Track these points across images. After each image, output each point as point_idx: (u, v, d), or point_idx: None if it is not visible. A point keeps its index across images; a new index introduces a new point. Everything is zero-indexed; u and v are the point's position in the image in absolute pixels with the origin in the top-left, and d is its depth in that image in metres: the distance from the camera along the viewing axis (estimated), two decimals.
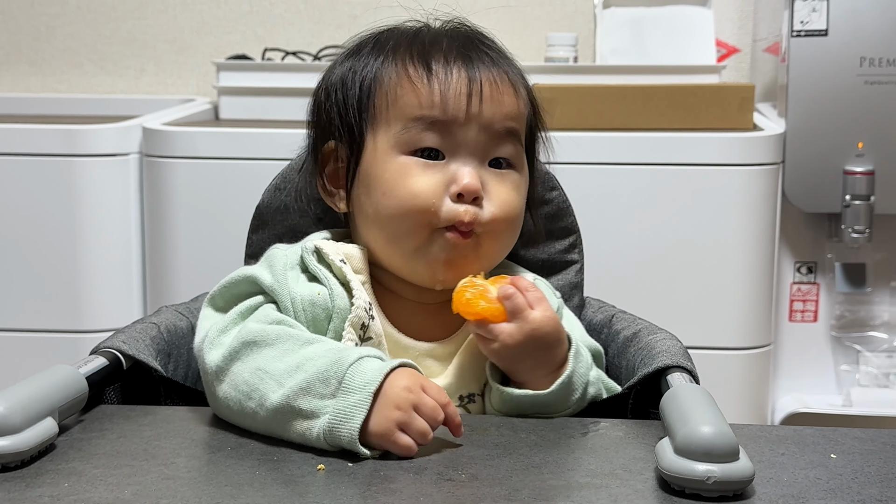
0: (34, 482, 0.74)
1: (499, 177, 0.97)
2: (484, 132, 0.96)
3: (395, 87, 0.96)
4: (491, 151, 0.97)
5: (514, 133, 0.98)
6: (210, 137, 1.80)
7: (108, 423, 0.86)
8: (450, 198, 0.94)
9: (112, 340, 0.95)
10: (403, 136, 0.95)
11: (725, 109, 1.80)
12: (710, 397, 0.80)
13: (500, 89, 0.97)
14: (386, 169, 0.95)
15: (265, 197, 1.14)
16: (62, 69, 2.39)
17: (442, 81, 0.95)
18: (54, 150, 1.80)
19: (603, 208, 1.74)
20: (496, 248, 0.98)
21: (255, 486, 0.73)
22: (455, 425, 0.82)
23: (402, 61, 0.97)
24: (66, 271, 1.81)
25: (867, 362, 1.94)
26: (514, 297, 0.91)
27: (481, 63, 0.97)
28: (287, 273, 0.95)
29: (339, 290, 0.94)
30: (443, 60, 0.96)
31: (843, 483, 0.76)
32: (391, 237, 0.96)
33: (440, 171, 0.95)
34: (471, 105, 0.95)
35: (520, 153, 1.00)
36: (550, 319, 0.92)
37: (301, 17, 2.33)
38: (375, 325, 0.95)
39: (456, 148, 0.95)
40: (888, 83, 1.82)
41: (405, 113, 0.95)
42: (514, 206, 0.98)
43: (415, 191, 0.94)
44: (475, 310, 0.91)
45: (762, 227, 1.76)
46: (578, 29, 2.24)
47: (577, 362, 0.93)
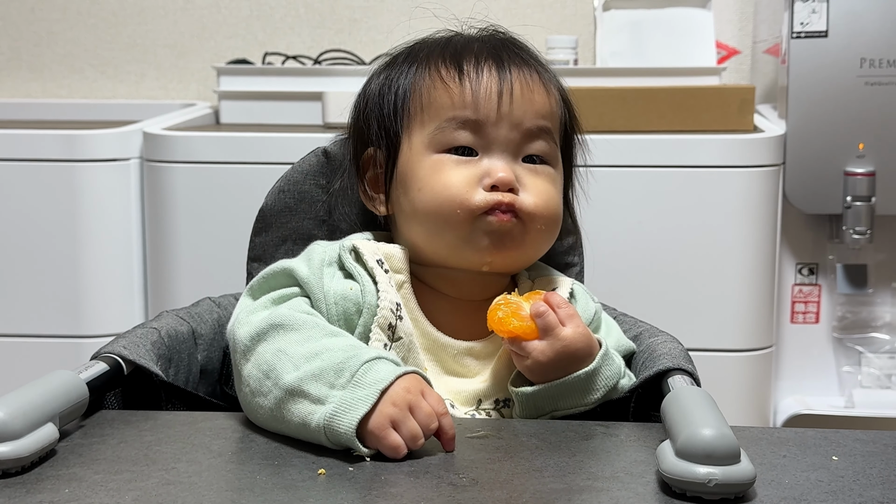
0: (35, 488, 0.74)
1: (533, 172, 1.00)
2: (515, 130, 0.98)
3: (429, 89, 1.00)
4: (523, 148, 0.99)
5: (546, 131, 1.00)
6: (211, 142, 1.80)
7: (108, 428, 0.86)
8: (483, 188, 0.97)
9: (113, 346, 0.95)
10: (437, 136, 0.98)
11: (726, 111, 1.80)
12: (712, 400, 0.80)
13: (531, 88, 1.00)
14: (421, 167, 0.98)
15: (268, 199, 1.14)
16: (63, 74, 2.39)
17: (473, 81, 0.98)
18: (55, 155, 1.80)
19: (604, 211, 1.74)
20: (541, 236, 1.00)
21: (256, 492, 0.73)
22: (448, 437, 0.82)
23: (434, 65, 1.01)
24: (68, 276, 1.81)
25: (869, 363, 1.94)
26: (546, 315, 0.93)
27: (512, 63, 1.00)
28: (324, 269, 0.98)
29: (370, 288, 0.96)
30: (474, 61, 1.00)
31: (844, 485, 0.76)
32: (433, 230, 0.98)
33: (474, 166, 0.98)
34: (501, 104, 0.98)
35: (553, 151, 1.02)
36: (581, 336, 0.93)
37: (301, 21, 2.33)
38: (404, 325, 0.96)
39: (489, 145, 0.98)
40: (888, 84, 1.82)
41: (439, 113, 0.99)
42: (552, 196, 1.00)
43: (448, 183, 0.97)
44: (507, 328, 0.93)
45: (763, 228, 1.76)
46: (578, 31, 2.24)
47: (604, 363, 0.94)
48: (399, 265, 1.00)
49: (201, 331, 1.08)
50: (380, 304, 0.95)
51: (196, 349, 1.07)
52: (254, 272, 1.14)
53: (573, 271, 1.16)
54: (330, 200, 1.13)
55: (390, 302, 0.96)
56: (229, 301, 1.15)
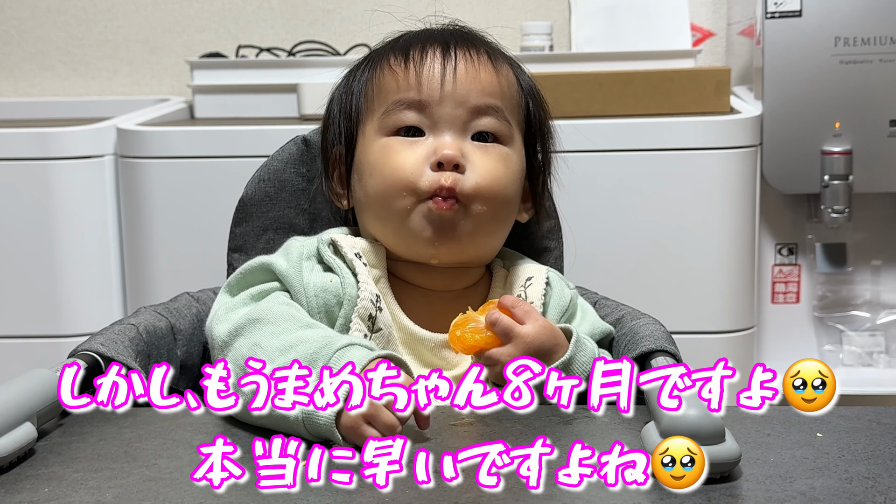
0: (13, 488, 0.73)
1: (482, 149, 1.00)
2: (461, 107, 0.99)
3: (379, 78, 1.02)
4: (470, 125, 0.99)
5: (494, 108, 1.00)
6: (186, 136, 1.78)
7: (87, 426, 0.85)
8: (430, 168, 0.97)
9: (90, 343, 0.94)
10: (384, 120, 1.00)
11: (702, 93, 1.80)
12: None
13: (477, 67, 1.00)
14: (372, 151, 1.00)
15: (248, 189, 1.14)
16: (34, 73, 2.37)
17: (418, 64, 1.00)
18: (28, 153, 1.79)
19: (582, 195, 1.73)
20: (487, 219, 0.99)
21: (239, 486, 0.73)
22: (422, 418, 0.81)
23: (385, 57, 1.03)
24: (44, 276, 1.80)
25: (850, 342, 1.95)
26: (500, 321, 0.93)
27: (458, 47, 1.01)
28: (302, 262, 0.98)
29: (350, 280, 0.97)
30: (420, 47, 1.01)
31: (829, 461, 0.76)
32: (380, 215, 1.00)
33: (422, 146, 0.98)
34: (444, 82, 0.99)
35: (506, 129, 1.01)
36: (543, 329, 0.93)
37: (274, 13, 2.32)
38: (384, 316, 0.97)
39: (435, 124, 0.99)
40: (863, 62, 1.82)
41: (386, 98, 1.00)
42: (499, 175, 0.99)
43: (396, 165, 0.98)
44: (469, 344, 0.93)
45: (742, 209, 1.77)
46: (553, 17, 2.23)
47: (578, 350, 0.94)
48: (375, 260, 1.01)
49: (180, 326, 1.07)
50: (360, 294, 0.95)
51: (175, 345, 1.06)
52: (234, 263, 1.14)
53: (552, 255, 1.15)
54: (311, 189, 1.13)
55: (370, 293, 0.96)
56: (208, 296, 1.14)
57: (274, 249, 1.11)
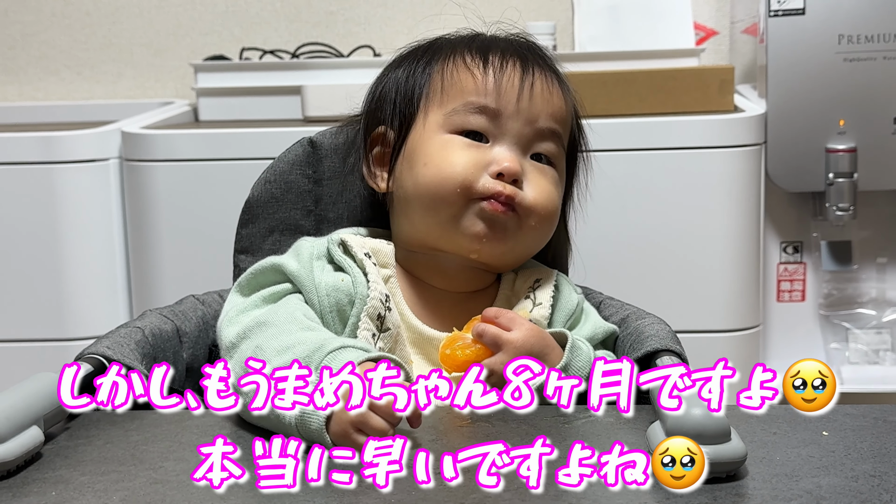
0: (21, 492, 0.73)
1: (539, 169, 1.01)
2: (530, 126, 0.99)
3: (452, 71, 1.01)
4: (533, 145, 1.00)
5: (557, 134, 1.02)
6: (190, 139, 1.79)
7: (94, 429, 0.85)
8: (489, 175, 0.97)
9: (96, 346, 0.94)
10: (453, 117, 1.00)
11: (706, 92, 1.80)
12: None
13: (551, 90, 1.01)
14: (431, 143, 1.00)
15: (255, 191, 1.14)
16: (39, 77, 2.37)
17: (497, 70, 1.00)
18: (33, 157, 1.79)
19: (587, 195, 1.73)
20: (534, 233, 1.00)
21: (245, 488, 0.73)
22: (414, 416, 0.81)
23: (460, 52, 1.02)
24: (50, 279, 1.80)
25: (856, 340, 1.94)
26: (487, 331, 0.93)
27: (535, 63, 1.02)
28: (313, 262, 0.99)
29: (361, 279, 0.97)
30: (500, 53, 1.01)
31: (835, 460, 0.76)
32: (429, 206, 0.99)
33: (483, 152, 0.99)
34: (521, 97, 0.99)
35: (561, 155, 1.03)
36: (531, 333, 0.94)
37: (277, 15, 2.32)
38: (393, 316, 0.97)
39: (501, 135, 0.99)
40: (867, 60, 1.82)
41: (459, 96, 1.00)
42: (553, 197, 1.01)
43: (454, 162, 0.98)
44: (460, 361, 0.93)
45: (746, 208, 1.76)
46: (556, 17, 2.23)
47: (574, 356, 0.94)
48: (385, 259, 1.01)
49: (186, 329, 1.07)
50: (370, 293, 0.96)
51: (181, 347, 1.06)
52: (241, 264, 1.14)
53: None
54: (317, 190, 1.13)
55: (380, 292, 0.97)
56: (213, 298, 1.15)
57: (280, 251, 1.12)
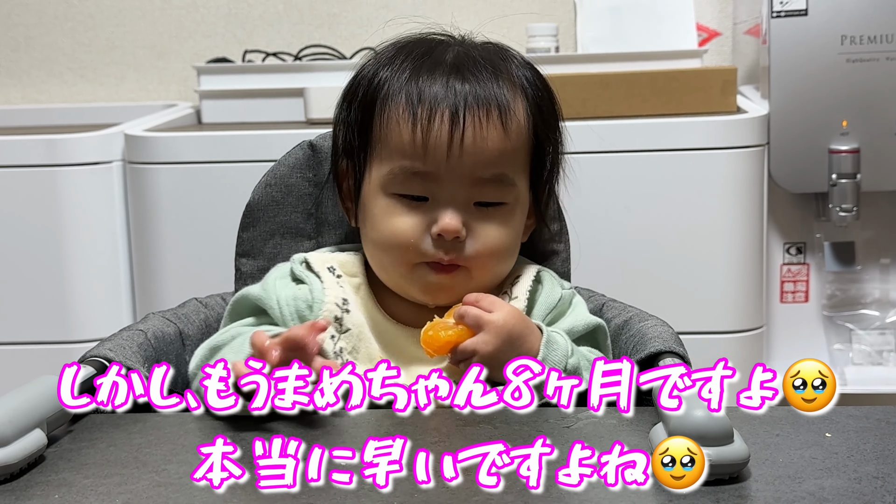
0: (24, 494, 0.73)
1: (485, 216, 1.00)
2: (465, 181, 0.98)
3: (386, 124, 0.99)
4: (475, 196, 0.99)
5: (498, 178, 0.99)
6: (193, 142, 1.79)
7: (97, 432, 0.85)
8: (430, 237, 0.98)
9: (99, 349, 0.94)
10: (391, 180, 0.99)
11: (708, 93, 1.80)
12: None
13: (485, 133, 0.97)
14: (375, 205, 1.01)
15: (255, 194, 1.14)
16: (42, 79, 2.37)
17: (425, 129, 0.97)
18: (37, 160, 1.79)
19: (589, 197, 1.73)
20: (486, 275, 1.01)
21: (248, 490, 0.73)
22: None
23: (395, 101, 0.99)
24: (54, 282, 1.80)
25: (860, 341, 1.94)
26: (468, 312, 0.94)
27: (468, 106, 0.97)
28: (276, 282, 1.03)
29: (318, 286, 1.01)
30: (429, 102, 0.97)
31: (839, 461, 0.76)
32: (381, 265, 1.02)
33: (423, 212, 0.99)
34: (451, 155, 0.97)
35: (510, 192, 1.01)
36: (512, 314, 0.95)
37: (280, 17, 2.32)
38: (353, 317, 1.00)
39: (439, 192, 0.98)
40: (869, 60, 1.82)
41: (392, 157, 0.99)
42: (499, 241, 1.00)
43: (396, 230, 0.99)
44: (442, 342, 0.94)
45: (749, 209, 1.76)
46: (559, 19, 2.23)
47: (549, 351, 0.95)
48: (354, 269, 1.05)
49: (188, 332, 1.07)
50: (325, 298, 1.00)
51: (184, 350, 1.06)
52: (242, 268, 1.14)
53: (558, 258, 1.15)
54: (318, 193, 1.13)
55: (335, 297, 1.00)
56: (216, 301, 1.15)
57: (281, 254, 1.13)
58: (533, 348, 0.95)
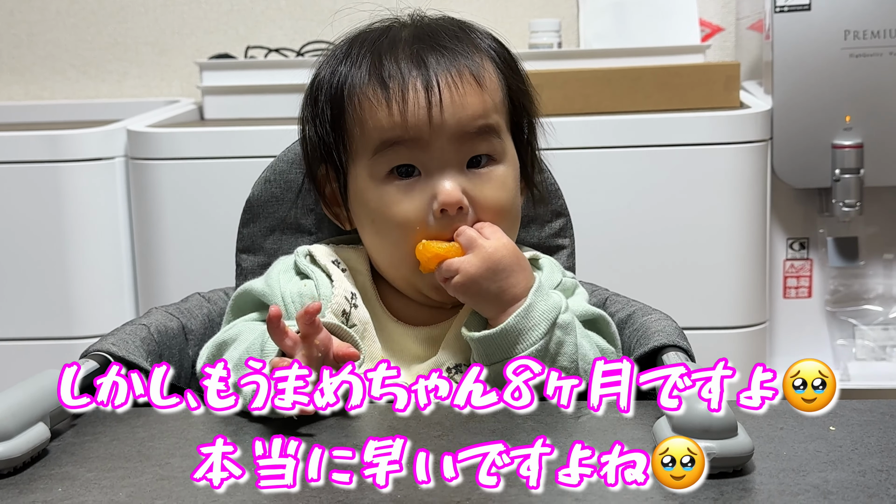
0: (27, 488, 0.73)
1: (481, 177, 0.97)
2: (454, 139, 0.96)
3: (360, 113, 0.97)
4: (466, 153, 0.97)
5: (487, 129, 0.97)
6: (195, 138, 1.79)
7: (100, 426, 0.85)
8: (433, 215, 0.95)
9: (102, 343, 0.94)
10: (379, 161, 0.97)
11: (711, 89, 1.80)
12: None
13: (462, 91, 0.96)
14: (370, 198, 0.98)
15: (255, 190, 1.14)
16: (45, 76, 2.37)
17: (399, 100, 0.95)
18: (39, 156, 1.79)
19: (593, 192, 1.73)
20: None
21: (251, 484, 0.73)
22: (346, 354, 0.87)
23: (362, 90, 0.97)
24: (56, 278, 1.80)
25: (863, 336, 1.94)
26: (465, 231, 0.94)
27: (438, 66, 0.96)
28: (280, 277, 1.01)
29: (325, 282, 0.99)
30: (398, 75, 0.95)
31: (843, 455, 0.76)
32: (390, 261, 0.99)
33: (420, 189, 0.96)
34: (432, 118, 0.94)
35: (499, 144, 0.99)
36: (505, 245, 0.94)
37: (282, 13, 2.32)
38: (359, 312, 0.99)
39: (429, 161, 0.96)
40: (873, 55, 1.81)
41: (373, 138, 0.96)
42: (501, 202, 0.98)
43: (398, 216, 0.96)
44: (432, 253, 0.94)
45: (753, 204, 1.76)
46: (561, 14, 2.23)
47: (538, 297, 0.93)
48: (358, 265, 1.03)
49: (191, 326, 1.07)
50: (334, 291, 0.98)
51: (187, 345, 1.06)
52: (243, 263, 1.14)
53: (564, 253, 1.15)
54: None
55: (345, 290, 0.99)
56: (219, 296, 1.15)
57: (281, 249, 1.12)
58: (518, 286, 0.93)
